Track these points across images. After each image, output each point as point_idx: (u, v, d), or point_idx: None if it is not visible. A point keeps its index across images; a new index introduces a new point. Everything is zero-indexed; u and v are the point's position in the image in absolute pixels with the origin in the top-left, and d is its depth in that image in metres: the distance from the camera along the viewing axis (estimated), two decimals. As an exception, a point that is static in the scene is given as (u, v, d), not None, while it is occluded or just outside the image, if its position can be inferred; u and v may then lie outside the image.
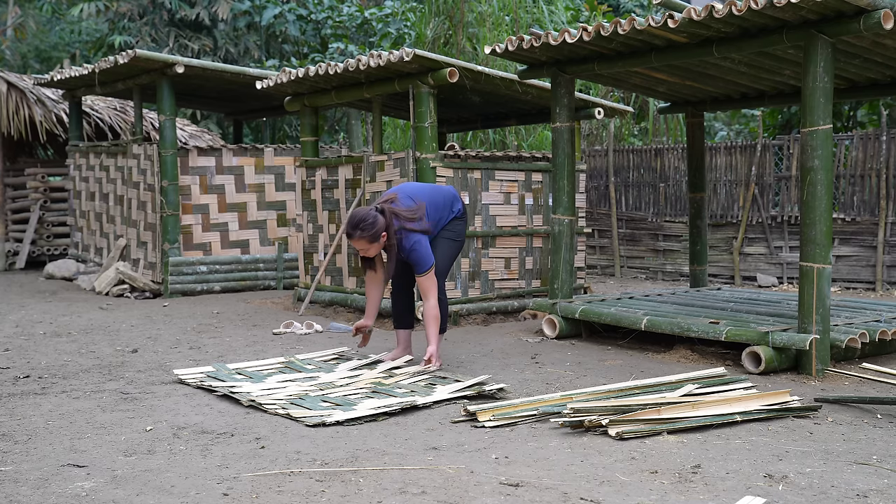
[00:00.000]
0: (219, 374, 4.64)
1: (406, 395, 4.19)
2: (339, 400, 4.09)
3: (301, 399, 4.11)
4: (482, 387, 4.26)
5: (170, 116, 8.39)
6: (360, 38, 15.14)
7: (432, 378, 4.55)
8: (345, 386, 4.39)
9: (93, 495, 2.81)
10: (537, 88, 7.13)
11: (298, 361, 4.98)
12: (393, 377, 4.57)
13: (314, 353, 5.25)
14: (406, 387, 4.36)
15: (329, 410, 3.89)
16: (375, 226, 4.63)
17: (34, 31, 21.25)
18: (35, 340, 6.00)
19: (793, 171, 9.58)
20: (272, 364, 4.96)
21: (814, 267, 4.67)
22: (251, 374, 4.69)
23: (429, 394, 4.19)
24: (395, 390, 4.28)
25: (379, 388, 4.34)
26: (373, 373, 4.65)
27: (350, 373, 4.69)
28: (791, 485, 2.91)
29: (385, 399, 4.10)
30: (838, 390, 4.39)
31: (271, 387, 4.36)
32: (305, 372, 4.74)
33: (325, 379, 4.54)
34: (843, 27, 4.49)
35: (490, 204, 6.99)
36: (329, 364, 4.97)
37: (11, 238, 11.40)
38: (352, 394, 4.24)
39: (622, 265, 11.04)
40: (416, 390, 4.28)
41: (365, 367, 4.82)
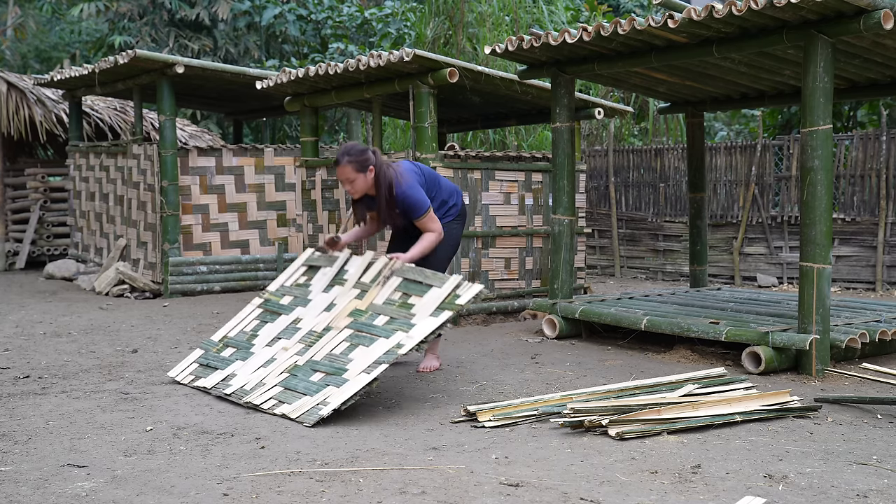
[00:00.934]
0: (209, 358, 4.61)
1: (388, 331, 4.05)
2: (328, 366, 4.01)
3: (293, 377, 4.06)
4: (457, 296, 4.07)
5: (170, 116, 8.39)
6: (360, 39, 15.14)
7: (404, 287, 4.32)
8: (326, 333, 4.27)
9: (93, 495, 2.81)
10: (537, 88, 7.12)
11: (274, 297, 4.82)
12: (366, 294, 4.39)
13: (285, 276, 5.00)
14: (384, 312, 4.20)
15: (323, 394, 3.83)
16: (364, 154, 4.50)
17: (34, 31, 21.24)
18: (35, 340, 6.00)
19: (793, 171, 9.58)
20: (252, 314, 4.82)
21: (814, 267, 4.67)
22: (237, 342, 4.63)
23: (409, 321, 4.06)
24: (374, 325, 4.15)
25: (360, 324, 4.21)
26: (347, 298, 4.46)
27: (325, 304, 4.52)
28: (791, 485, 2.91)
29: (371, 349, 3.97)
30: (838, 390, 4.39)
31: (261, 362, 4.30)
32: (284, 313, 4.63)
33: (306, 323, 4.44)
34: (843, 27, 4.49)
35: (490, 204, 6.99)
36: (303, 288, 4.78)
37: (11, 238, 11.39)
38: (336, 346, 4.13)
39: (622, 265, 11.04)
40: (396, 317, 4.13)
41: (336, 284, 4.63)
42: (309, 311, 4.55)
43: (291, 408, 3.86)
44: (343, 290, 4.54)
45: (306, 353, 4.24)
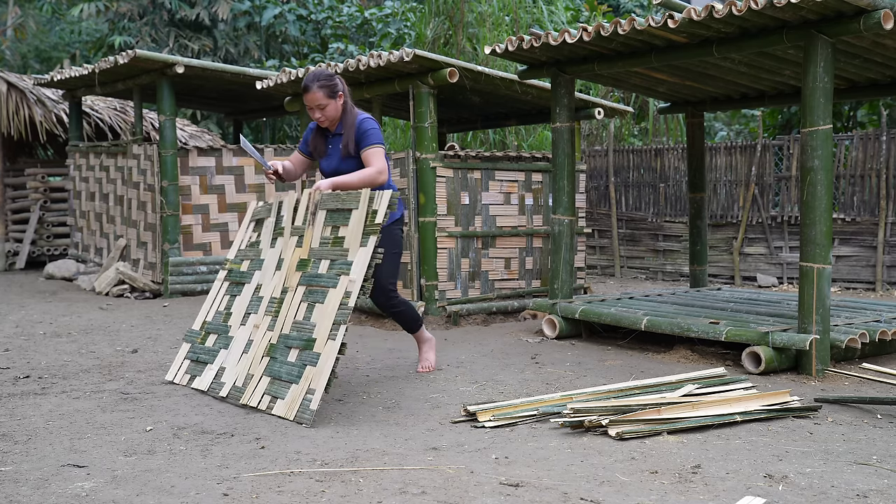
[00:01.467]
0: (197, 352, 4.56)
1: (333, 279, 3.96)
2: (298, 339, 3.96)
3: (273, 360, 4.02)
4: (374, 213, 3.94)
5: (170, 116, 8.40)
6: (360, 39, 15.14)
7: (331, 220, 4.15)
8: (285, 296, 4.17)
9: (93, 495, 2.81)
10: (537, 88, 7.13)
11: (234, 265, 4.69)
12: (303, 240, 4.24)
13: (239, 238, 4.84)
14: (324, 255, 4.10)
15: (305, 378, 3.80)
16: (333, 79, 4.26)
17: (34, 31, 21.25)
18: (35, 340, 6.00)
19: (793, 171, 9.58)
20: (221, 289, 4.71)
21: (814, 267, 4.67)
22: (216, 326, 4.55)
23: (346, 258, 3.96)
24: (321, 274, 4.04)
25: (308, 277, 4.09)
26: (290, 250, 4.31)
27: (276, 262, 4.37)
28: (791, 485, 2.91)
29: (326, 305, 3.90)
30: (838, 390, 4.39)
31: (242, 347, 4.26)
32: (247, 282, 4.52)
33: (266, 290, 4.32)
34: (843, 27, 4.49)
35: (490, 204, 7.00)
36: (255, 248, 4.62)
37: (11, 238, 11.40)
38: (297, 310, 4.06)
39: (622, 265, 11.04)
40: (334, 258, 4.02)
41: (278, 235, 4.46)
42: (265, 274, 4.41)
43: (286, 406, 3.84)
44: (285, 240, 4.38)
45: (276, 326, 4.14)
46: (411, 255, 6.61)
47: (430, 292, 6.57)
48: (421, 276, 6.61)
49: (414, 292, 6.62)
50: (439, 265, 6.63)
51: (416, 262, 6.62)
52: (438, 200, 6.62)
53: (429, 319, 6.53)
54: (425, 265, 6.57)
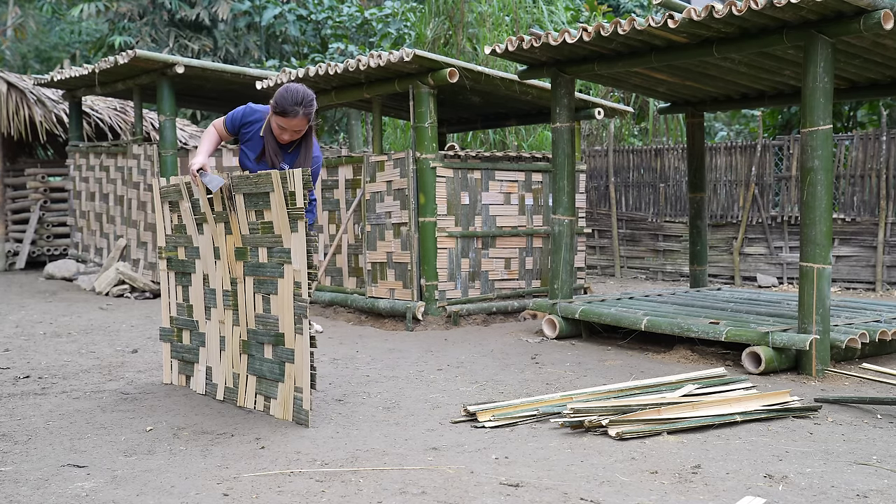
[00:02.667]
0: (179, 351, 4.50)
1: (278, 269, 3.82)
2: (267, 335, 3.89)
3: (252, 358, 3.97)
4: (292, 194, 3.69)
5: (170, 117, 8.39)
6: (360, 39, 15.14)
7: (251, 203, 3.92)
8: (236, 287, 4.06)
9: (93, 495, 2.81)
10: (537, 88, 7.13)
11: (170, 253, 4.55)
12: (231, 226, 4.06)
13: (160, 223, 4.63)
14: (258, 243, 3.92)
15: (289, 377, 3.76)
16: (314, 103, 3.98)
17: (34, 31, 21.25)
18: (35, 341, 6.00)
19: (793, 172, 9.58)
20: (171, 281, 4.57)
21: (814, 267, 4.67)
22: (184, 322, 4.46)
23: (282, 244, 3.79)
24: (264, 265, 3.89)
25: (252, 268, 3.96)
26: (222, 238, 4.14)
27: (212, 252, 4.21)
28: (791, 485, 2.91)
29: (281, 296, 3.79)
30: (838, 390, 4.39)
31: (218, 345, 4.20)
32: (191, 271, 4.37)
33: (215, 281, 4.19)
34: (843, 27, 4.49)
35: (490, 204, 6.99)
36: (183, 235, 4.44)
37: (11, 238, 11.40)
38: (255, 303, 3.95)
39: (622, 265, 11.04)
40: (270, 245, 3.85)
41: (201, 222, 4.26)
42: (206, 264, 4.26)
43: (281, 408, 3.82)
44: (211, 227, 4.18)
45: (240, 321, 4.05)
46: (411, 255, 6.61)
47: (430, 292, 6.57)
48: (421, 276, 6.61)
49: (414, 292, 6.62)
50: (439, 265, 6.63)
51: (416, 262, 6.62)
52: (438, 200, 6.62)
53: (429, 319, 6.53)
54: (425, 265, 6.57)
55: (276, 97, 3.91)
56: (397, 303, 6.64)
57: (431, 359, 5.25)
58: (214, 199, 4.12)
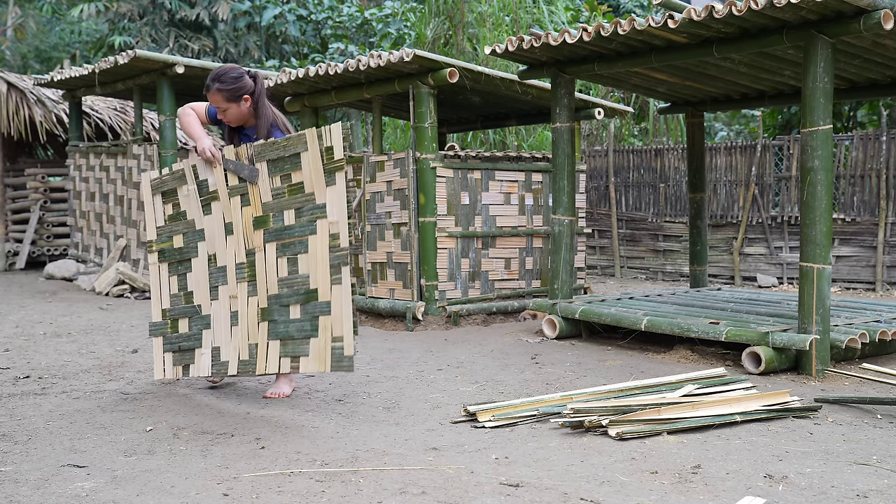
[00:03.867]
0: (174, 342, 4.35)
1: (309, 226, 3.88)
2: (295, 295, 3.91)
3: (274, 323, 3.96)
4: (330, 150, 3.80)
5: (170, 117, 8.39)
6: (360, 39, 15.15)
7: (275, 169, 4.00)
8: (253, 257, 4.06)
9: (93, 495, 2.81)
10: (537, 89, 7.13)
11: (163, 245, 4.44)
12: (249, 197, 4.08)
13: (150, 217, 4.54)
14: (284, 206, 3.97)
15: (324, 329, 3.81)
16: (239, 82, 4.06)
17: (34, 31, 21.25)
18: (35, 341, 6.00)
19: (793, 172, 9.58)
20: (163, 274, 4.46)
21: (814, 267, 4.67)
22: (182, 310, 4.33)
23: (315, 202, 3.87)
24: (291, 226, 3.95)
25: (275, 233, 4.00)
26: (236, 211, 4.14)
27: (221, 227, 4.19)
28: (791, 485, 2.91)
29: (313, 253, 3.86)
30: (838, 390, 4.39)
31: (228, 321, 4.14)
32: (192, 256, 4.30)
33: (226, 258, 4.16)
34: (843, 27, 4.49)
35: (490, 204, 7.00)
36: (182, 221, 4.38)
37: (11, 238, 11.40)
38: (279, 268, 3.98)
39: (622, 265, 11.04)
40: (300, 206, 3.92)
41: (210, 200, 4.25)
42: (214, 243, 4.22)
43: (316, 361, 3.82)
44: (223, 203, 4.18)
45: (259, 291, 4.04)
46: (411, 255, 6.61)
47: (430, 292, 6.57)
48: (421, 276, 6.61)
49: (414, 292, 6.62)
50: (439, 265, 6.63)
51: (416, 262, 6.62)
52: (438, 200, 6.62)
53: (429, 319, 6.53)
54: (425, 265, 6.57)
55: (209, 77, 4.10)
56: (397, 303, 6.64)
57: (431, 359, 5.25)
58: (229, 174, 4.15)
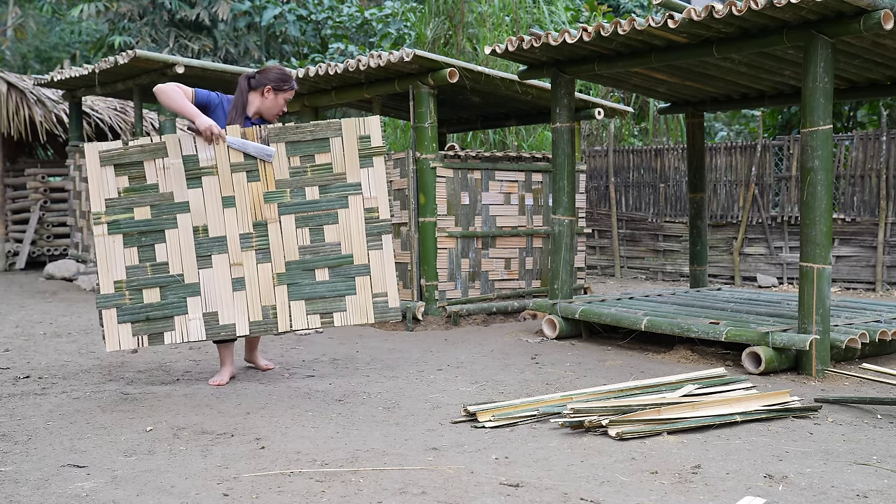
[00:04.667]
0: (139, 312, 4.26)
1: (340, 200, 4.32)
2: (324, 260, 4.30)
3: (296, 286, 4.28)
4: (366, 138, 4.30)
5: (170, 117, 8.39)
6: (360, 39, 15.15)
7: (295, 150, 4.31)
8: (264, 228, 4.30)
9: (93, 495, 2.81)
10: (537, 89, 7.13)
11: (118, 216, 4.31)
12: (260, 174, 4.31)
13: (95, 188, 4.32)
14: (307, 183, 4.31)
15: (362, 287, 4.29)
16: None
17: (34, 31, 21.25)
18: (35, 341, 6.00)
19: (793, 172, 9.58)
20: (116, 245, 4.30)
21: (814, 267, 4.67)
22: (148, 281, 4.26)
23: (346, 181, 4.33)
24: (316, 200, 4.33)
25: (295, 206, 4.31)
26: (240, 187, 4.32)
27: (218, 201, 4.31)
28: (791, 485, 2.91)
29: (344, 224, 4.31)
30: (838, 391, 4.39)
31: (228, 287, 4.27)
32: (167, 227, 4.28)
33: (227, 229, 4.30)
34: (843, 27, 4.49)
35: (490, 204, 7.00)
36: (151, 192, 4.33)
37: (11, 238, 11.40)
38: (301, 237, 4.32)
39: (622, 265, 11.04)
40: (327, 182, 4.33)
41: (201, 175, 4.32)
42: (209, 214, 4.31)
43: (357, 315, 4.31)
44: (223, 178, 4.32)
45: (275, 257, 4.30)
46: (411, 255, 6.61)
47: (430, 292, 6.57)
48: (421, 276, 6.61)
49: (414, 292, 6.62)
50: (439, 265, 6.63)
51: (416, 262, 6.62)
52: (438, 200, 6.62)
53: (429, 319, 6.53)
54: (425, 265, 6.57)
55: (280, 75, 4.56)
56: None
57: (431, 359, 5.25)
58: (229, 151, 4.34)
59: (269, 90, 4.54)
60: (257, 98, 4.57)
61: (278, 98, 4.57)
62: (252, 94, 4.57)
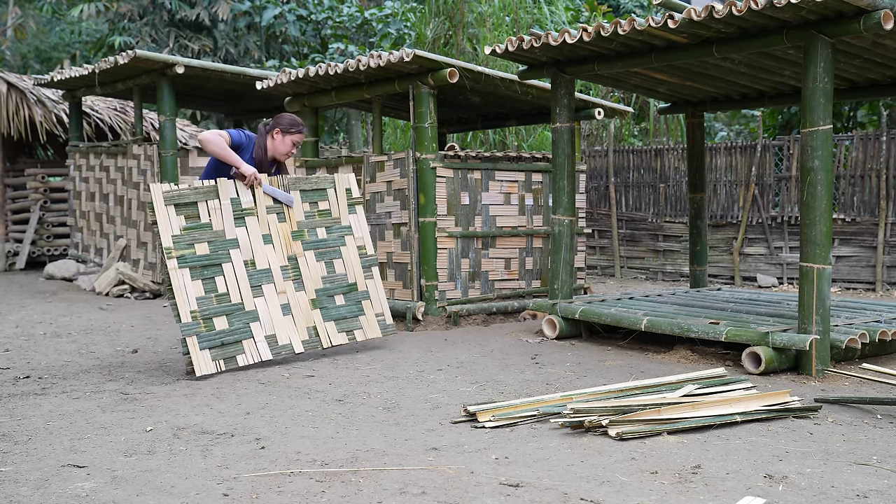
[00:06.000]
0: (213, 338, 4.75)
1: (339, 239, 5.43)
2: (338, 287, 5.31)
3: (325, 309, 5.19)
4: (350, 191, 5.53)
5: (170, 117, 8.39)
6: (360, 39, 15.14)
7: (305, 197, 5.34)
8: (296, 262, 5.18)
9: (93, 495, 2.81)
10: (537, 89, 7.13)
11: (184, 251, 4.80)
12: (284, 216, 5.24)
13: (164, 225, 4.80)
14: (315, 225, 5.35)
15: (368, 309, 5.39)
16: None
17: (34, 31, 21.25)
18: (35, 341, 6.00)
19: (793, 172, 9.58)
20: (185, 278, 4.76)
21: (814, 267, 4.67)
22: (217, 309, 4.81)
23: (341, 224, 5.47)
24: (325, 239, 5.36)
25: (312, 244, 5.28)
26: (273, 226, 5.18)
27: (260, 238, 5.10)
28: (791, 485, 2.91)
29: (346, 259, 5.41)
30: (838, 391, 4.39)
31: (279, 312, 5.02)
32: (223, 261, 4.91)
33: (270, 261, 5.09)
34: (843, 27, 4.49)
35: (490, 204, 6.99)
36: (205, 230, 4.90)
37: (11, 238, 11.39)
38: (320, 270, 5.27)
39: (622, 265, 11.04)
40: (329, 225, 5.44)
41: (244, 215, 5.09)
42: (255, 250, 5.05)
43: (370, 331, 5.35)
44: (261, 218, 5.13)
45: (306, 285, 5.17)
46: (411, 255, 6.61)
47: (430, 292, 6.57)
48: (421, 277, 6.61)
49: (414, 292, 6.62)
50: (439, 265, 6.63)
51: (416, 262, 6.62)
52: (438, 200, 6.62)
53: (429, 319, 6.53)
54: (425, 265, 6.57)
55: (289, 121, 5.21)
56: (397, 303, 6.64)
57: (431, 359, 5.25)
58: (265, 196, 5.18)
59: (278, 132, 5.18)
60: (270, 140, 5.22)
61: (286, 139, 5.19)
62: (268, 136, 5.22)
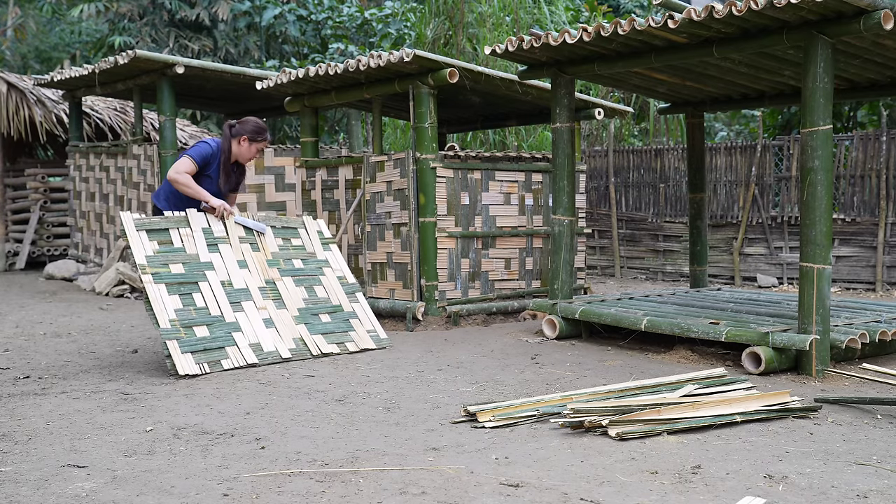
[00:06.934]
0: (195, 344, 4.84)
1: (317, 269, 5.69)
2: (323, 307, 5.49)
3: (310, 325, 5.28)
4: (320, 231, 5.96)
5: (170, 117, 8.39)
6: (360, 39, 15.14)
7: (278, 234, 5.66)
8: (274, 284, 5.39)
9: (93, 495, 2.81)
10: (537, 89, 7.13)
11: (159, 269, 5.04)
12: (259, 246, 5.51)
13: (138, 247, 5.10)
14: (291, 256, 5.62)
15: (358, 325, 5.53)
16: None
17: (34, 31, 21.25)
18: (35, 341, 6.00)
19: (793, 172, 9.58)
20: (161, 292, 4.95)
21: (814, 267, 4.67)
22: (195, 319, 4.93)
23: (317, 257, 5.77)
24: (303, 268, 5.61)
25: (290, 270, 5.54)
26: (248, 253, 5.43)
27: (236, 262, 5.32)
28: (791, 485, 2.91)
29: (328, 284, 5.67)
30: (838, 391, 4.39)
31: (262, 325, 5.12)
32: (199, 280, 5.11)
33: (248, 282, 5.28)
34: (843, 27, 4.49)
35: (490, 204, 6.99)
36: (180, 253, 5.18)
37: (11, 238, 11.40)
38: (301, 291, 5.46)
39: (622, 266, 11.04)
40: (305, 257, 5.70)
41: (217, 243, 5.35)
42: (230, 272, 5.26)
43: (364, 343, 5.42)
44: (235, 246, 5.38)
45: (288, 305, 5.33)
46: (411, 256, 6.61)
47: (430, 292, 6.57)
48: (421, 277, 6.61)
49: (414, 292, 6.62)
50: (439, 265, 6.63)
51: (416, 262, 6.62)
52: (438, 201, 6.62)
53: (429, 319, 6.53)
54: (425, 265, 6.57)
55: (255, 128, 5.31)
56: (397, 303, 6.65)
57: (431, 359, 5.25)
58: (236, 227, 5.47)
59: (245, 139, 5.29)
60: (235, 145, 5.30)
61: (252, 147, 5.33)
62: (232, 140, 5.30)
